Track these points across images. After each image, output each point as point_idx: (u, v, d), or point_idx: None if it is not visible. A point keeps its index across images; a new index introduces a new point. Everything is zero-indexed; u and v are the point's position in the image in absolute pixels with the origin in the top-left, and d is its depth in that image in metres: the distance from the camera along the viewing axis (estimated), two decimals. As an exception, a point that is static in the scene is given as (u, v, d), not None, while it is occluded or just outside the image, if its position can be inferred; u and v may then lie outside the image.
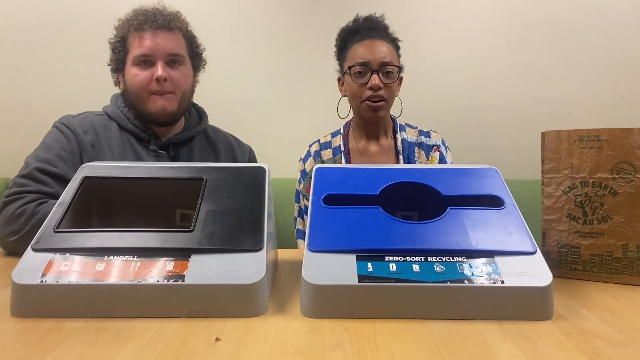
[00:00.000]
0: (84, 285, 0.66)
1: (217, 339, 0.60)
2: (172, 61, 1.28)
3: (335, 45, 1.55)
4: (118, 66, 1.32)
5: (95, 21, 2.09)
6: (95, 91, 1.84)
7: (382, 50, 1.42)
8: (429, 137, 1.55)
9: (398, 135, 1.53)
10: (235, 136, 1.54)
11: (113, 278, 0.67)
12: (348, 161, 1.52)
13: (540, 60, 2.11)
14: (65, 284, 0.66)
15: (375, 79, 1.40)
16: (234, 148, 1.48)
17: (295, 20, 2.13)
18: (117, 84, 1.37)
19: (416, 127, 1.58)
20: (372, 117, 1.46)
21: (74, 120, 1.27)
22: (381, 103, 1.43)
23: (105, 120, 1.31)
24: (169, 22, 1.28)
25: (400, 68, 1.45)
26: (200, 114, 1.47)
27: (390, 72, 1.42)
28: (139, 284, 0.67)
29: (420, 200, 0.87)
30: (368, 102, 1.43)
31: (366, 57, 1.42)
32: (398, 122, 1.57)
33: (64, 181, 1.12)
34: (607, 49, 2.08)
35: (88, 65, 2.10)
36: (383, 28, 1.50)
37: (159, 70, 1.24)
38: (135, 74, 1.26)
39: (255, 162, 1.55)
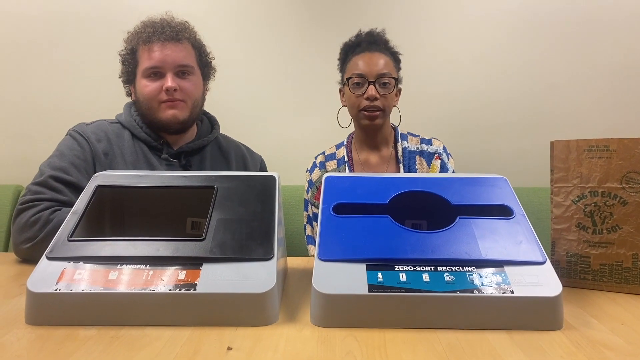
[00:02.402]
0: (97, 294, 0.67)
1: (229, 348, 0.61)
2: (181, 72, 1.29)
3: (338, 59, 1.61)
4: (129, 78, 1.34)
5: (107, 30, 2.11)
6: (108, 99, 1.87)
7: (379, 62, 1.47)
8: (430, 145, 1.57)
9: (399, 145, 1.56)
10: (246, 145, 1.55)
11: (126, 286, 0.68)
12: (351, 171, 1.55)
13: (550, 69, 2.11)
14: (79, 292, 0.67)
15: (371, 90, 1.45)
16: (245, 157, 1.49)
17: (305, 28, 2.15)
18: (128, 94, 1.39)
19: (418, 136, 1.60)
20: (369, 126, 1.50)
21: (88, 128, 1.29)
22: (377, 113, 1.47)
23: (118, 129, 1.32)
24: (177, 33, 1.29)
25: (396, 79, 1.49)
26: (212, 122, 1.48)
27: (387, 83, 1.46)
28: (152, 293, 0.67)
29: (429, 209, 0.88)
30: (365, 112, 1.47)
31: (363, 69, 1.47)
32: (399, 132, 1.58)
33: (77, 189, 1.13)
34: (617, 58, 2.08)
35: (101, 73, 2.12)
36: (383, 42, 1.55)
37: (169, 81, 1.25)
38: (145, 86, 1.27)
39: (266, 171, 1.57)
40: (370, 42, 1.52)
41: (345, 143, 1.63)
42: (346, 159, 1.57)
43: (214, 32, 1.52)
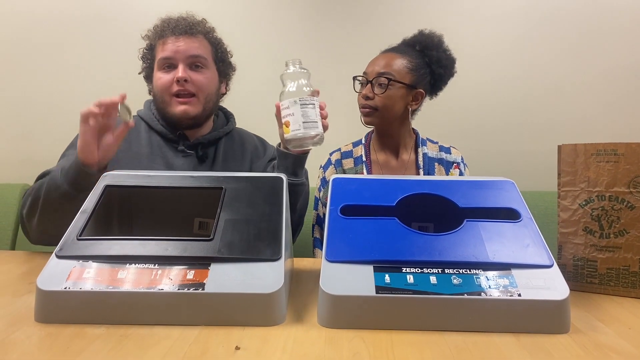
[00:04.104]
0: (106, 293, 0.68)
1: (237, 348, 0.61)
2: (194, 64, 1.30)
3: None
4: (148, 74, 1.35)
5: (114, 31, 2.12)
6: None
7: (381, 62, 1.46)
8: (449, 154, 1.55)
9: (420, 150, 1.54)
10: (261, 137, 1.54)
11: (134, 285, 0.68)
12: (369, 172, 1.53)
13: (558, 72, 2.10)
14: (88, 291, 0.68)
15: (365, 88, 1.46)
16: (258, 148, 1.47)
17: (318, 28, 2.15)
18: (150, 92, 1.39)
19: (437, 142, 1.59)
20: (365, 122, 1.50)
21: None
22: (368, 111, 1.46)
23: (135, 121, 1.32)
24: (191, 27, 1.30)
25: (393, 80, 1.43)
26: (228, 116, 1.48)
27: (382, 83, 1.44)
28: (160, 292, 0.68)
29: (436, 212, 0.88)
30: (361, 109, 1.49)
31: (367, 69, 1.49)
32: (420, 137, 1.57)
33: None
34: (627, 62, 2.07)
35: (106, 73, 2.13)
36: (412, 44, 1.52)
37: (180, 71, 1.25)
38: (159, 78, 1.28)
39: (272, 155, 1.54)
40: (406, 44, 1.53)
41: (363, 142, 1.61)
42: (364, 158, 1.55)
43: (224, 29, 1.51)
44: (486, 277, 0.70)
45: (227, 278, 0.70)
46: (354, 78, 1.51)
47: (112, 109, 1.03)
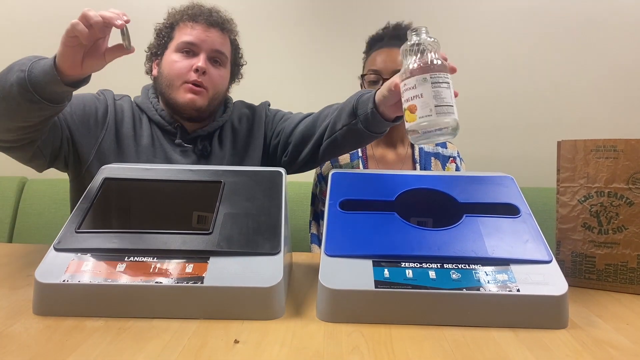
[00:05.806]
0: (104, 286, 0.68)
1: (236, 341, 0.61)
2: (214, 59, 1.27)
3: (363, 52, 1.55)
4: (158, 52, 1.31)
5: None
6: (124, 84, 1.87)
7: (396, 59, 1.42)
8: (445, 148, 1.55)
9: (416, 145, 1.54)
10: (250, 104, 1.47)
11: (133, 279, 0.68)
12: (365, 167, 1.53)
13: (557, 69, 2.10)
14: (86, 284, 0.68)
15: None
16: (251, 117, 1.41)
17: (324, 20, 2.15)
18: (148, 72, 1.35)
19: None
20: None
21: (117, 102, 1.28)
22: None
23: (139, 112, 1.30)
24: (223, 23, 1.29)
25: None
26: (226, 103, 1.42)
27: None
28: (159, 285, 0.68)
29: (435, 207, 0.88)
30: None
31: (379, 66, 1.43)
32: None
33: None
34: (625, 59, 2.07)
35: (115, 72, 2.12)
36: (401, 37, 1.50)
37: (201, 60, 1.22)
38: (175, 61, 1.24)
39: (272, 113, 1.45)
40: (393, 36, 1.47)
41: None
42: (360, 153, 1.54)
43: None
44: (485, 272, 0.70)
45: (226, 272, 0.70)
46: (363, 76, 1.46)
47: (107, 31, 0.91)
